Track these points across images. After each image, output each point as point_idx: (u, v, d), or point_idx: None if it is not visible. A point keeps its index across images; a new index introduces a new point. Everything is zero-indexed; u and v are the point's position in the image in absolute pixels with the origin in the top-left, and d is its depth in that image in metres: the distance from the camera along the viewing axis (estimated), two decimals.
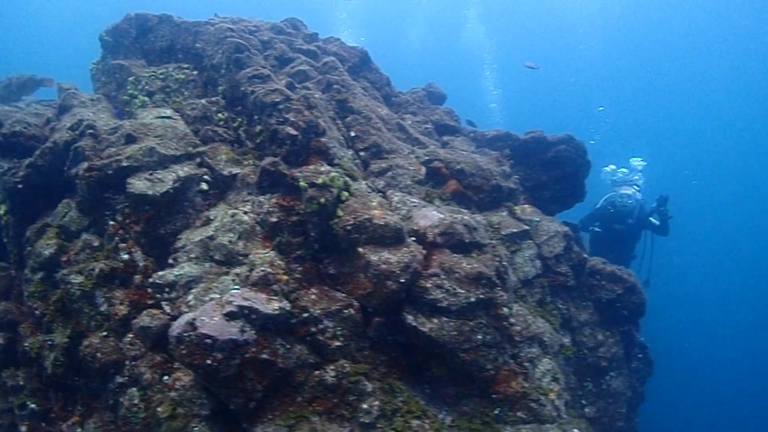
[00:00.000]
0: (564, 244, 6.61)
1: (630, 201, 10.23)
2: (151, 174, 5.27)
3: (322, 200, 4.71)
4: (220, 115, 6.21)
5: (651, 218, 10.42)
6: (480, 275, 4.82)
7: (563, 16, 37.67)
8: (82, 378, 5.10)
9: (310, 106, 5.60)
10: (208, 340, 3.97)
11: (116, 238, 5.27)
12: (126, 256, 5.13)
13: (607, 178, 11.64)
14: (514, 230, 6.20)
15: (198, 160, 5.69)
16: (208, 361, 3.99)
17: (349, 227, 4.72)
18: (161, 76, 7.04)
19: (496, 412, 4.99)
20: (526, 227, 6.38)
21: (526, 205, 6.79)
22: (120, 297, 5.07)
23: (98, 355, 4.89)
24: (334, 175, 4.85)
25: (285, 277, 4.60)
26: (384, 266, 4.54)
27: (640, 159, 12.10)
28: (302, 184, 4.75)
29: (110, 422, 4.89)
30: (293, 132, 5.33)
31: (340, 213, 4.78)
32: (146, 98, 6.82)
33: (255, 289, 4.46)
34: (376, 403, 4.50)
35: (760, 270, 32.53)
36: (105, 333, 5.01)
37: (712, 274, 31.43)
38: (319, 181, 4.77)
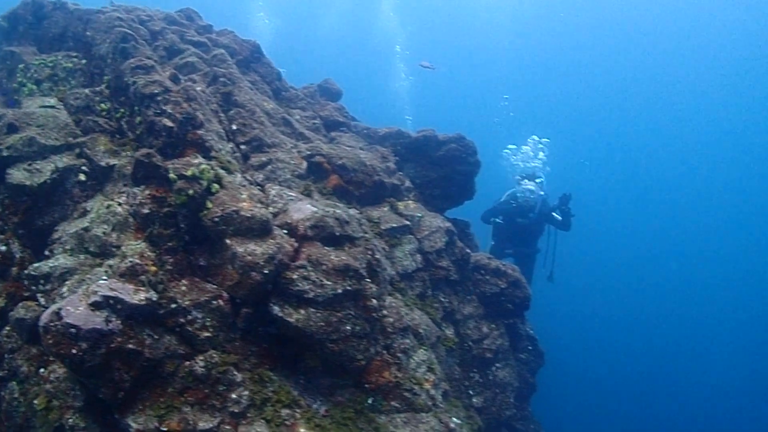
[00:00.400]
0: (446, 240, 7.14)
1: (532, 196, 10.94)
2: (29, 164, 5.56)
3: (191, 192, 5.04)
4: (103, 105, 6.44)
5: (554, 213, 11.11)
6: (347, 267, 5.24)
7: (475, 7, 39.59)
8: None
9: (189, 98, 5.91)
10: (72, 330, 4.25)
11: None
12: (3, 248, 5.44)
13: (509, 157, 12.55)
14: (394, 225, 6.68)
15: (77, 150, 5.96)
16: (74, 351, 4.25)
17: (217, 219, 5.07)
18: (50, 65, 7.21)
19: (370, 401, 5.43)
20: (407, 222, 6.87)
21: (409, 201, 7.30)
22: None
23: None
24: (204, 167, 5.18)
25: (153, 269, 4.89)
26: (249, 257, 4.90)
27: (538, 138, 13.04)
28: (172, 176, 5.08)
29: None
30: (170, 124, 5.64)
31: (209, 205, 5.11)
32: (34, 87, 7.00)
33: (122, 280, 4.75)
34: (246, 392, 4.87)
35: (663, 259, 35.45)
36: None
37: (615, 266, 34.02)
38: (189, 173, 5.10)
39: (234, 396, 4.80)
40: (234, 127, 6.56)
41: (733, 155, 43.68)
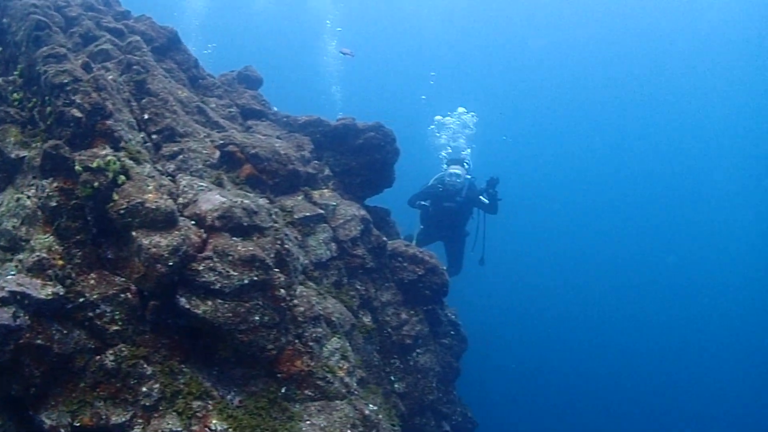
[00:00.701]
0: (361, 228, 7.51)
1: (459, 180, 11.41)
2: None
3: (96, 184, 5.27)
4: (15, 95, 6.50)
5: (481, 197, 11.60)
6: (254, 258, 5.54)
7: None
8: None
9: (99, 87, 6.06)
10: None
11: None
12: None
13: (435, 134, 13.10)
14: (308, 214, 6.99)
15: None
16: None
17: (122, 211, 5.32)
18: None
19: (283, 390, 5.75)
20: (321, 211, 7.21)
21: (325, 190, 7.64)
22: None
23: None
24: (110, 158, 5.39)
25: (61, 262, 5.13)
26: (154, 249, 5.15)
27: (465, 109, 13.64)
28: (77, 168, 5.29)
29: None
30: (78, 114, 5.79)
31: (115, 197, 5.33)
32: None
33: (30, 275, 4.97)
34: (157, 385, 5.14)
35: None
36: None
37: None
38: (94, 165, 5.33)
39: (145, 389, 5.08)
40: (146, 116, 6.76)
41: (662, 131, 46.34)
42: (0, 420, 4.82)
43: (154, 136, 6.66)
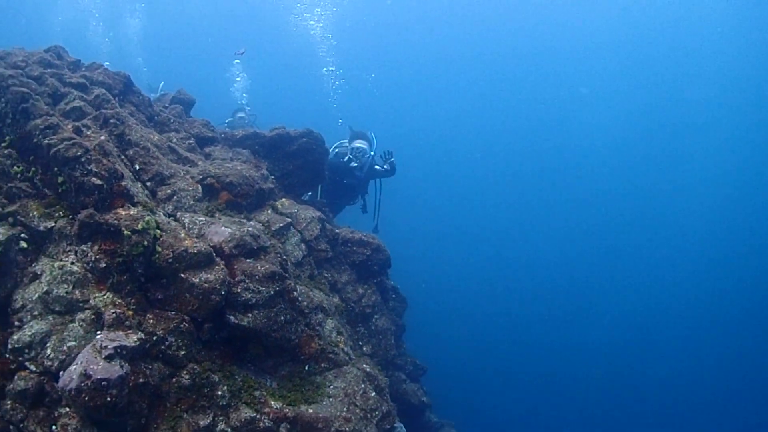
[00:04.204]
0: (320, 227, 9.51)
1: (364, 156, 12.47)
2: None
3: (145, 243, 6.77)
4: (15, 168, 7.40)
5: (377, 166, 12.71)
6: (273, 273, 7.42)
7: None
8: None
9: (106, 153, 7.31)
10: (104, 383, 5.72)
11: None
12: None
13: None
14: (281, 225, 8.80)
15: (11, 219, 7.01)
16: (108, 399, 5.72)
17: (170, 259, 6.85)
18: None
19: (306, 368, 7.75)
20: (289, 219, 9.05)
21: (284, 200, 9.49)
22: None
23: None
24: (148, 219, 6.90)
25: (130, 313, 6.65)
26: (206, 285, 6.84)
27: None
28: (126, 233, 6.71)
29: None
30: (98, 182, 7.05)
31: (159, 249, 6.88)
32: None
33: (113, 329, 6.41)
34: (225, 387, 6.81)
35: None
36: None
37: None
38: (139, 227, 6.79)
39: (218, 393, 6.69)
40: (137, 166, 8.02)
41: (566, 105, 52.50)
42: None
43: (148, 183, 7.99)
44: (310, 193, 10.66)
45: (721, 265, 42.97)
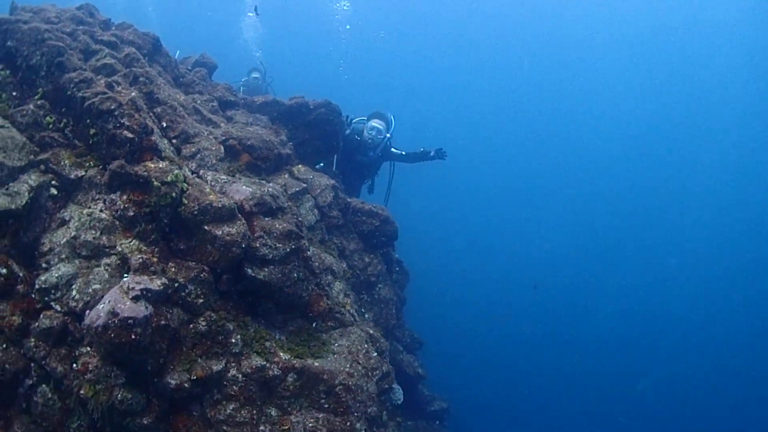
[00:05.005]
0: (333, 194, 9.95)
1: (380, 136, 12.38)
2: (7, 189, 6.94)
3: (173, 194, 7.19)
4: (48, 118, 7.80)
5: (393, 149, 12.76)
6: (290, 232, 7.88)
7: None
8: None
9: (138, 108, 7.69)
10: (130, 321, 6.13)
11: None
12: (4, 270, 6.70)
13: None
14: (297, 189, 9.26)
15: (42, 167, 7.41)
16: (132, 337, 6.14)
17: (195, 211, 7.26)
18: None
19: (314, 325, 8.22)
20: (304, 185, 9.50)
21: (300, 166, 9.93)
22: (9, 309, 6.56)
23: (7, 366, 6.36)
24: (177, 172, 7.33)
25: (155, 259, 7.11)
26: (228, 237, 7.29)
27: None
28: (156, 184, 7.13)
29: (31, 423, 6.41)
30: (130, 135, 7.46)
31: (185, 201, 7.31)
32: None
33: (139, 274, 6.86)
34: (239, 336, 7.26)
35: None
36: (4, 345, 6.46)
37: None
38: (169, 179, 7.21)
39: (232, 341, 7.13)
40: (164, 124, 8.43)
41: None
42: (131, 394, 6.27)
43: (173, 141, 8.42)
44: (322, 164, 11.06)
45: (731, 266, 43.64)
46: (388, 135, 12.52)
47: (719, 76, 47.76)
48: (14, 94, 8.15)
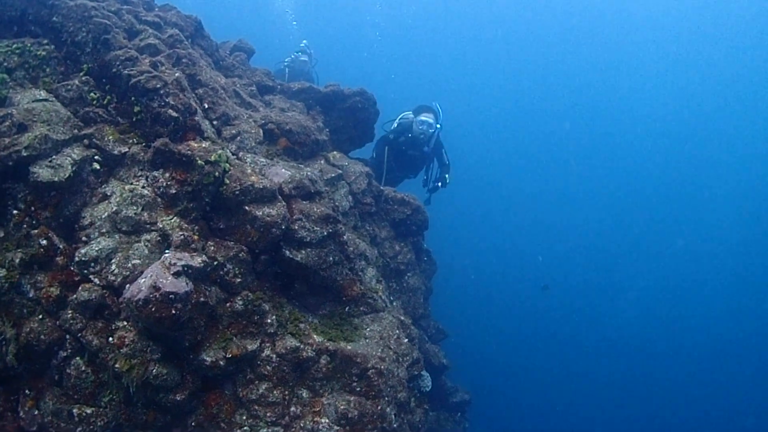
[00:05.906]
0: (367, 181, 10.05)
1: (431, 130, 12.24)
2: (50, 161, 6.99)
3: (216, 174, 7.30)
4: (92, 94, 7.84)
5: (445, 152, 12.76)
6: (328, 216, 8.00)
7: None
8: (26, 364, 6.46)
9: (182, 88, 7.83)
10: (171, 296, 6.22)
11: (24, 226, 6.86)
12: (45, 242, 6.78)
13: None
14: (332, 175, 9.37)
15: (86, 141, 7.47)
16: (173, 312, 6.08)
17: (237, 192, 7.38)
18: (17, 51, 7.95)
19: (347, 309, 8.34)
20: (339, 171, 9.61)
21: (335, 152, 10.05)
22: (47, 281, 6.59)
23: (42, 337, 6.40)
24: (220, 152, 7.45)
25: (196, 237, 7.23)
26: (268, 218, 7.41)
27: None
28: (200, 163, 7.25)
29: (62, 395, 6.45)
30: (174, 114, 7.59)
31: (227, 181, 7.43)
32: (5, 76, 7.75)
33: (180, 250, 7.00)
34: (274, 317, 7.39)
35: None
36: (41, 316, 6.50)
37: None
38: (212, 158, 7.32)
39: (268, 321, 7.27)
40: (206, 105, 8.55)
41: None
42: (166, 369, 6.39)
43: (214, 122, 8.53)
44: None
45: (747, 268, 43.60)
46: (438, 126, 12.32)
47: (726, 76, 47.55)
48: (59, 68, 8.24)
